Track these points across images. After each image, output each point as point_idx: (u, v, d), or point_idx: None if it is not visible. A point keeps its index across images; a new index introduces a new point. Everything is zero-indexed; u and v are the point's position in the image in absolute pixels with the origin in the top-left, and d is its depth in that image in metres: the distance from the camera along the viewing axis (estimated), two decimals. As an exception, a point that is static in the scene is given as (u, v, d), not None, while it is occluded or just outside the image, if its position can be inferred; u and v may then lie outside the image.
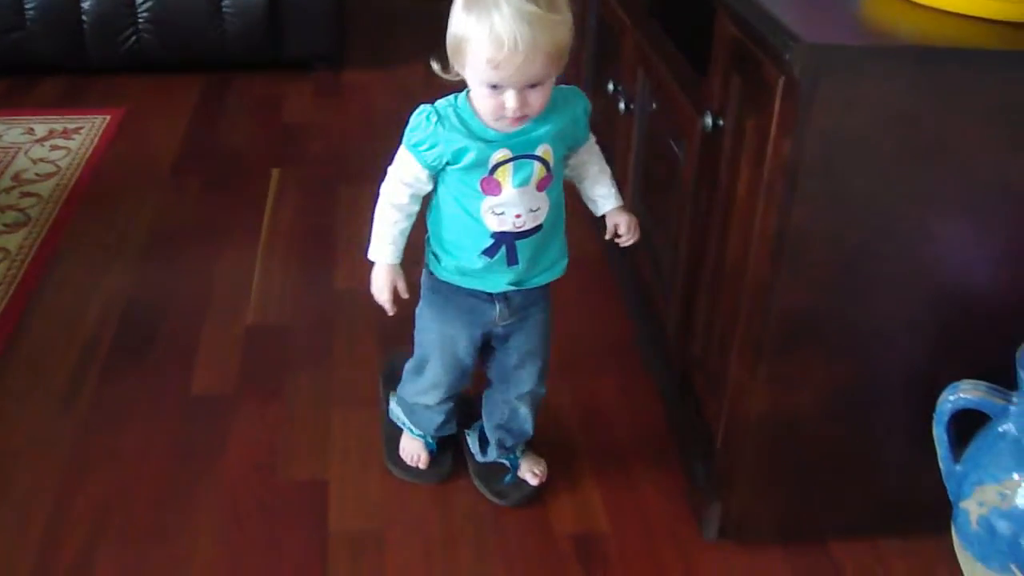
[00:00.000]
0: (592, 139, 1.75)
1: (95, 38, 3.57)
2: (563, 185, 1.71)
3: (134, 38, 3.60)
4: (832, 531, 1.92)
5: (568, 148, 1.69)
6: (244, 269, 2.62)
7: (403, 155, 1.63)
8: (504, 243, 1.66)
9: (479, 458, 1.98)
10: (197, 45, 3.66)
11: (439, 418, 1.93)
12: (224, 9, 3.62)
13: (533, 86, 1.50)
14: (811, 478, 1.86)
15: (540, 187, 1.63)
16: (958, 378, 1.71)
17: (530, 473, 1.96)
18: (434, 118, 1.57)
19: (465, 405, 2.00)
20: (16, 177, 2.99)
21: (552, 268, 1.75)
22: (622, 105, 2.44)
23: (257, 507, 1.92)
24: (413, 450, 1.99)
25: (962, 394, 1.70)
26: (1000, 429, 1.68)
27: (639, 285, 2.43)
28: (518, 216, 1.63)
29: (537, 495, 1.92)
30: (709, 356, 1.93)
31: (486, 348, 1.84)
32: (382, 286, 1.70)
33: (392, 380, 2.04)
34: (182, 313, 2.44)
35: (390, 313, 1.71)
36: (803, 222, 1.59)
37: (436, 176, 1.64)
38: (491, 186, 1.60)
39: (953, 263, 1.67)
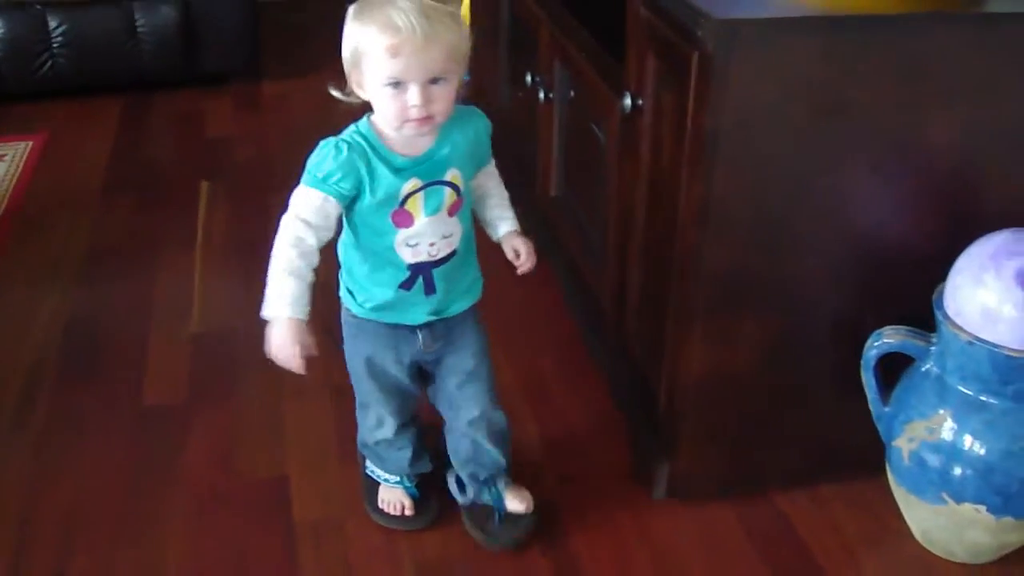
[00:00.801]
0: (492, 161, 1.74)
1: (10, 64, 3.56)
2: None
3: (49, 63, 3.60)
4: (774, 482, 2.02)
5: (475, 169, 1.68)
6: (184, 280, 2.66)
7: (306, 195, 1.54)
8: (420, 274, 1.63)
9: (460, 500, 1.88)
10: (113, 66, 3.66)
11: (407, 452, 1.85)
12: (138, 29, 3.63)
13: (435, 81, 1.47)
14: (751, 432, 1.96)
15: (451, 212, 1.61)
16: (882, 326, 1.83)
17: (516, 503, 1.87)
18: (344, 147, 1.53)
19: (438, 442, 1.92)
20: (-57, 207, 2.98)
21: (470, 291, 1.74)
22: (542, 95, 2.52)
23: (221, 506, 1.96)
24: (394, 499, 1.89)
25: (886, 339, 1.81)
26: (923, 369, 1.80)
27: (572, 268, 2.51)
28: (432, 245, 1.61)
29: (530, 532, 1.86)
30: (645, 323, 2.02)
31: (424, 375, 1.80)
32: (286, 342, 1.51)
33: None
34: (126, 327, 2.47)
35: (301, 372, 1.54)
36: (725, 188, 1.69)
37: (343, 213, 1.58)
38: (403, 218, 1.57)
39: (868, 218, 1.78)
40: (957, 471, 1.74)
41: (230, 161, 3.32)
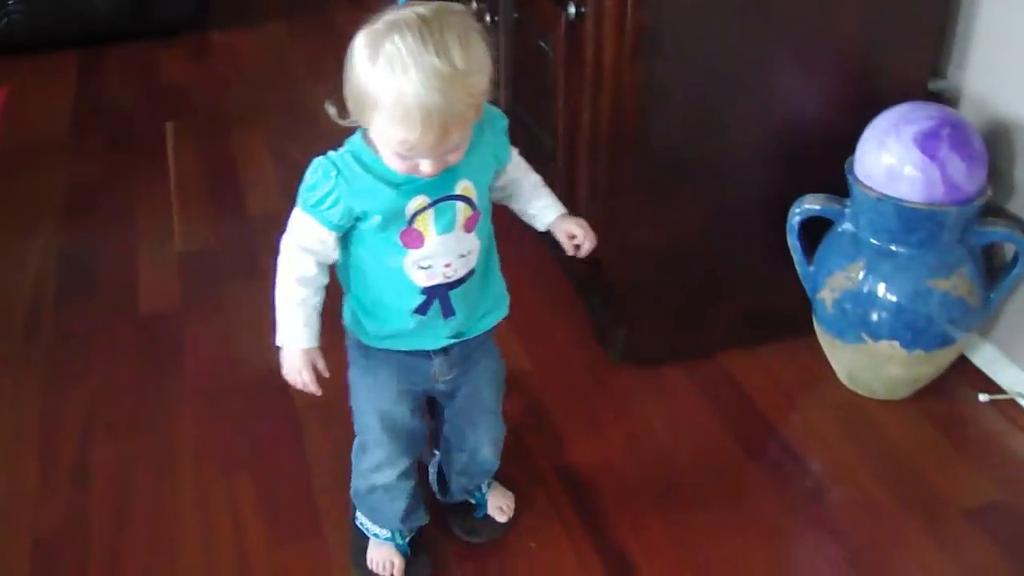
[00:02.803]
0: (515, 153, 1.58)
1: (-34, 23, 3.68)
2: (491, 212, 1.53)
3: (4, 20, 3.72)
4: (718, 345, 2.28)
5: (494, 172, 1.52)
6: (162, 208, 2.84)
7: (301, 220, 1.42)
8: (436, 297, 1.47)
9: (440, 498, 1.83)
10: (68, 21, 3.79)
11: (401, 503, 1.68)
12: (90, -17, 3.77)
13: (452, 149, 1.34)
14: (696, 299, 2.22)
15: (468, 227, 1.45)
16: (803, 195, 2.09)
17: (497, 510, 1.83)
18: (333, 172, 1.37)
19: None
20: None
21: (495, 309, 1.59)
22: (488, 18, 2.74)
23: (224, 394, 2.17)
24: (383, 558, 1.73)
25: (807, 205, 2.07)
26: (840, 229, 2.07)
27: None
28: (447, 265, 1.45)
29: (507, 530, 1.84)
30: (595, 210, 2.26)
31: (432, 403, 1.70)
32: (299, 368, 1.48)
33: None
34: (114, 251, 2.65)
35: (316, 393, 1.52)
36: (664, 77, 1.93)
37: (344, 237, 1.45)
38: (412, 238, 1.42)
39: (789, 101, 2.04)
40: (873, 314, 2.01)
41: (189, 105, 3.48)
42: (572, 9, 2.15)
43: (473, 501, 1.83)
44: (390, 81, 1.25)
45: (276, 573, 1.77)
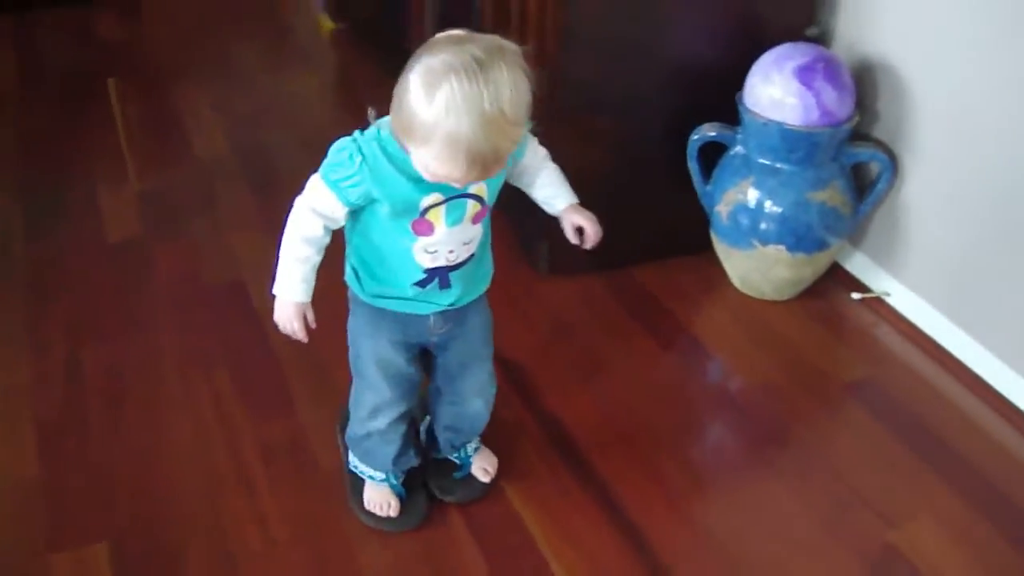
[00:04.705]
0: (533, 145, 1.68)
1: None
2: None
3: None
4: (632, 259, 2.60)
5: (510, 166, 1.63)
6: (115, 155, 3.05)
7: (320, 187, 1.50)
8: (437, 276, 1.60)
9: (432, 453, 1.93)
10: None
11: (393, 447, 1.79)
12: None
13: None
14: (611, 218, 2.50)
15: (475, 221, 1.56)
16: (701, 124, 2.43)
17: (481, 471, 1.92)
18: (358, 158, 1.46)
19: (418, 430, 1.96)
20: None
21: (484, 279, 1.71)
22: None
23: (195, 305, 2.42)
24: (380, 499, 1.85)
25: (705, 132, 2.41)
26: (732, 152, 2.41)
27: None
28: (451, 252, 1.57)
29: (485, 493, 1.92)
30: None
31: (426, 355, 1.78)
32: (291, 318, 1.58)
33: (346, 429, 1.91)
34: (75, 193, 2.85)
35: (304, 341, 1.62)
36: (582, 15, 2.24)
37: (354, 211, 1.54)
38: (423, 227, 1.52)
39: (689, 45, 2.37)
40: (762, 223, 2.36)
41: (128, 63, 3.67)
42: (501, -39, 2.45)
43: (457, 461, 1.92)
44: (444, 124, 1.31)
45: (263, 445, 2.03)
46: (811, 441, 2.13)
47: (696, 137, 2.42)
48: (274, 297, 1.59)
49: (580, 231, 1.75)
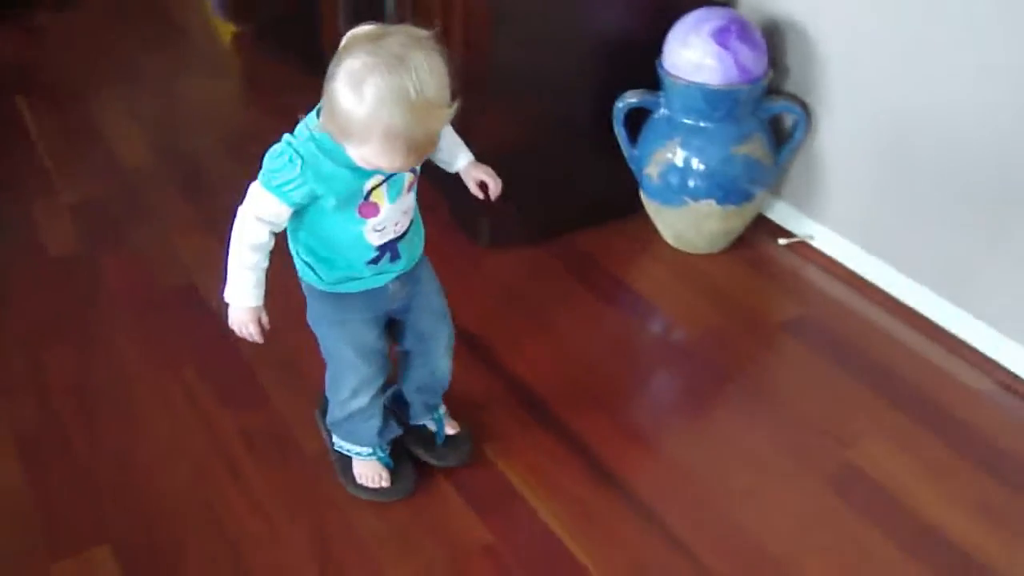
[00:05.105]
0: None
1: None
2: None
3: None
4: (569, 226, 2.72)
5: None
6: (39, 170, 3.03)
7: (261, 194, 1.56)
8: (388, 250, 1.69)
9: (409, 421, 2.01)
10: None
11: (376, 421, 1.88)
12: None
13: None
14: (547, 189, 2.65)
15: (409, 188, 1.66)
16: (625, 91, 2.55)
17: (451, 428, 2.02)
18: (298, 161, 1.52)
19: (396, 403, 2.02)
20: None
21: (421, 235, 1.79)
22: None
23: (149, 308, 2.45)
24: (370, 472, 1.93)
25: (629, 99, 2.53)
26: (657, 116, 2.54)
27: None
28: (396, 224, 1.66)
29: (472, 454, 2.01)
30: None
31: (392, 325, 1.86)
32: (245, 323, 1.66)
33: (327, 414, 1.98)
34: (8, 210, 2.83)
35: (260, 342, 1.70)
36: (508, 3, 2.34)
37: (298, 211, 1.61)
38: (369, 210, 1.61)
39: (608, 18, 2.49)
40: (691, 180, 2.49)
41: (35, 80, 3.61)
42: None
43: (433, 426, 2.01)
44: (379, 121, 1.40)
45: (243, 434, 2.08)
46: (758, 377, 2.28)
47: (621, 104, 2.54)
48: (227, 304, 1.66)
49: (483, 186, 1.84)
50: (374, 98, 1.39)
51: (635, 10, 2.52)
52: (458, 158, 1.82)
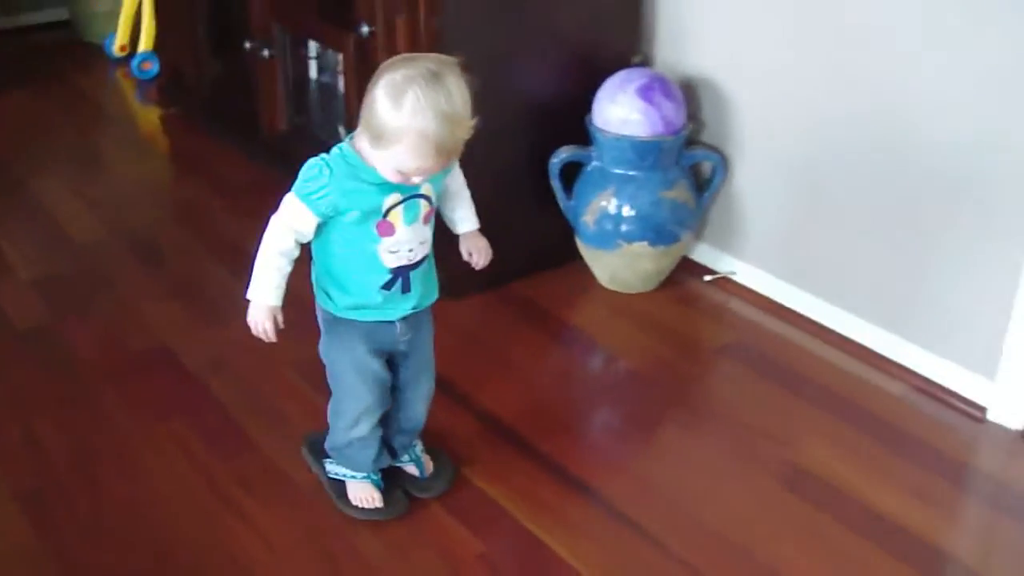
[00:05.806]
0: (455, 165, 1.95)
1: None
2: None
3: None
4: (511, 276, 2.93)
5: (444, 176, 1.88)
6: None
7: (294, 204, 1.76)
8: (400, 276, 1.85)
9: (390, 461, 2.13)
10: None
11: (373, 449, 2.02)
12: None
13: None
14: (492, 242, 2.85)
15: (425, 220, 1.83)
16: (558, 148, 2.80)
17: (428, 465, 2.17)
18: (327, 171, 1.73)
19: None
20: None
21: (435, 285, 1.97)
22: (266, 53, 3.28)
23: (130, 371, 2.55)
24: (364, 493, 2.06)
25: (563, 154, 2.79)
26: (590, 168, 2.80)
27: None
28: (411, 250, 1.82)
29: (455, 479, 2.18)
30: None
31: (390, 365, 1.99)
32: (263, 319, 1.83)
33: (316, 451, 2.16)
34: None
35: (273, 340, 1.86)
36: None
37: (322, 224, 1.79)
38: (386, 228, 1.78)
39: (541, 81, 2.75)
40: (624, 224, 2.74)
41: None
42: (364, 28, 2.76)
43: (416, 468, 2.14)
44: (413, 124, 1.63)
45: (240, 477, 2.22)
46: (700, 395, 2.54)
47: (555, 159, 2.79)
48: (247, 301, 1.84)
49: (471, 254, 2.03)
50: (412, 104, 1.63)
51: (565, 73, 2.79)
52: (465, 222, 2.03)
